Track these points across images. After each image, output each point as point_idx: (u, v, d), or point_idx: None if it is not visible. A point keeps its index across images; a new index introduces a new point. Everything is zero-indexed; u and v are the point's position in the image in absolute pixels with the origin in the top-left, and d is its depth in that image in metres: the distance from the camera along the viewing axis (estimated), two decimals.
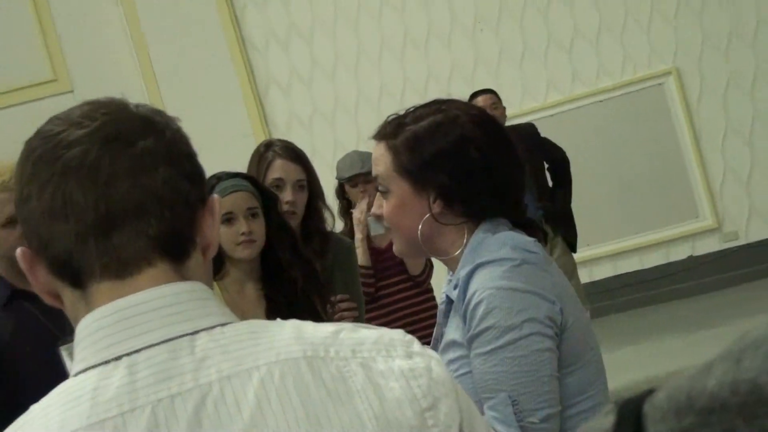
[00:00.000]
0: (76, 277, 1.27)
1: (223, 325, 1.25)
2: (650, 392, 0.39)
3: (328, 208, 4.16)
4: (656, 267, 9.43)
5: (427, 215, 2.24)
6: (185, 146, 1.33)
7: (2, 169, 3.55)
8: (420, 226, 2.25)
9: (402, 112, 2.34)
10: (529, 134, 6.98)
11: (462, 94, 5.44)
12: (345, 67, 9.67)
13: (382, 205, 2.31)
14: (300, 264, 3.36)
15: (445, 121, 2.26)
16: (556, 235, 6.92)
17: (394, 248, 2.40)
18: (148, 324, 1.23)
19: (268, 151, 3.95)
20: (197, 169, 1.34)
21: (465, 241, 2.25)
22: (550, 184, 7.10)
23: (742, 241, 9.43)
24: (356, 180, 5.03)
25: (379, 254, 4.90)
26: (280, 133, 8.90)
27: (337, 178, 5.11)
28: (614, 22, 9.52)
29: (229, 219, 3.21)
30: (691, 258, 9.43)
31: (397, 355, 1.27)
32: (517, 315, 2.10)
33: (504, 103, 6.92)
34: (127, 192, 1.24)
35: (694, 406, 0.34)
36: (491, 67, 9.50)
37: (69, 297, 1.29)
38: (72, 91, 9.22)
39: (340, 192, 5.12)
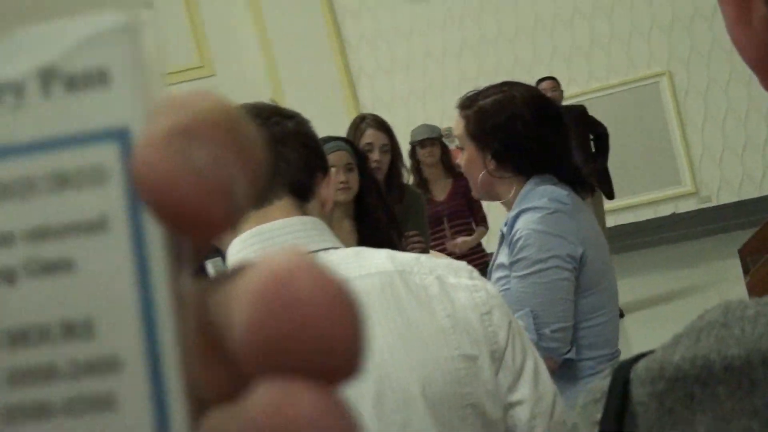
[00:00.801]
0: None
1: (335, 248, 1.28)
2: (637, 360, 0.38)
3: (405, 166, 4.19)
4: (647, 220, 9.37)
5: (484, 170, 2.25)
6: (309, 130, 1.37)
7: None
8: (480, 178, 2.26)
9: (480, 89, 2.32)
10: (580, 113, 7.05)
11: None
12: (415, 64, 9.65)
13: (461, 158, 2.33)
14: (383, 207, 3.39)
15: (503, 101, 2.24)
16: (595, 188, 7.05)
17: (473, 193, 2.42)
18: (280, 242, 1.25)
19: (362, 122, 3.98)
20: (318, 147, 1.37)
21: (515, 190, 2.24)
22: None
23: (714, 204, 9.35)
24: (425, 143, 5.09)
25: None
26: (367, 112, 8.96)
27: (410, 142, 5.15)
28: (622, 33, 9.36)
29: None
30: (674, 215, 9.37)
31: (462, 276, 1.27)
32: (545, 252, 2.12)
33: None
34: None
35: (664, 375, 0.35)
36: (525, 69, 9.39)
37: None
38: (214, 75, 9.29)
39: (412, 153, 5.15)
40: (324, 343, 0.20)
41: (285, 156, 1.30)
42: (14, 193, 0.21)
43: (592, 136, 7.10)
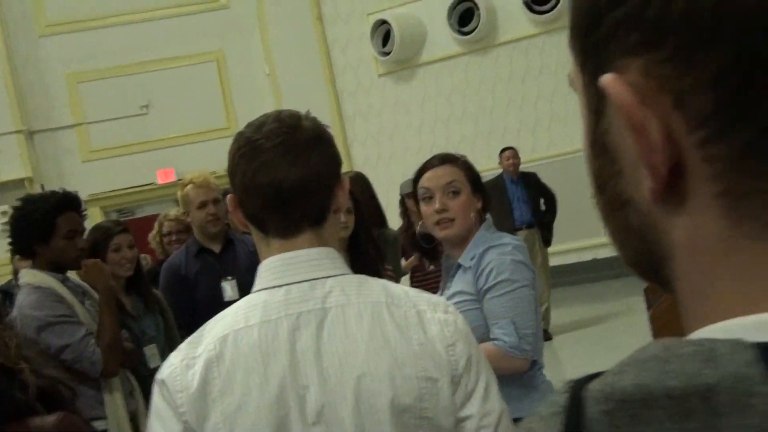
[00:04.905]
0: (261, 227, 1.27)
1: (343, 274, 1.27)
2: (588, 380, 0.35)
3: (383, 215, 4.17)
4: (574, 263, 9.35)
5: (473, 214, 2.29)
6: (337, 154, 1.31)
7: (197, 176, 3.68)
8: (473, 217, 2.30)
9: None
10: (534, 180, 7.17)
11: None
12: (398, 133, 9.72)
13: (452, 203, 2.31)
14: (372, 244, 3.44)
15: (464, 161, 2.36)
16: (539, 237, 7.26)
17: (454, 232, 2.30)
18: (301, 270, 1.24)
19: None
20: (336, 152, 1.31)
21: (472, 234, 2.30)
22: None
23: None
24: (411, 195, 5.05)
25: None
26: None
27: (401, 194, 5.11)
28: (561, 115, 9.50)
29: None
30: (594, 260, 9.33)
31: (438, 311, 1.28)
32: (518, 275, 2.17)
33: None
34: (295, 185, 1.24)
35: (614, 397, 0.33)
36: (484, 140, 9.49)
37: (256, 234, 1.30)
38: None
39: (402, 202, 5.09)
40: None
41: (313, 184, 1.24)
42: None
43: (542, 199, 7.22)
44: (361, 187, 3.86)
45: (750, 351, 0.30)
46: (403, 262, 4.83)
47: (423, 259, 4.46)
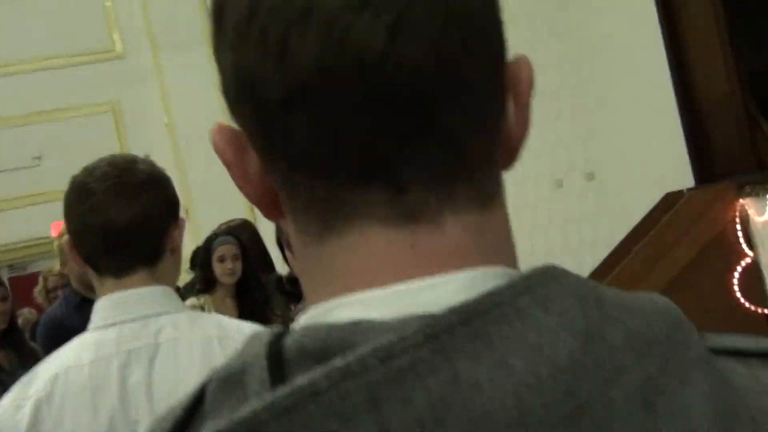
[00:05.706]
0: (95, 267, 1.29)
1: (177, 312, 1.29)
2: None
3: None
4: None
5: None
6: (173, 196, 1.33)
7: None
8: None
9: None
10: None
11: None
12: None
13: None
14: (260, 290, 3.45)
15: None
16: None
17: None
18: (133, 308, 1.26)
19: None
20: (173, 193, 1.32)
21: None
22: None
23: None
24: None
25: None
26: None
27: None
28: None
29: (221, 259, 3.24)
30: None
31: None
32: None
33: None
34: (125, 226, 1.25)
35: (214, 377, 0.39)
36: None
37: (92, 274, 1.31)
38: None
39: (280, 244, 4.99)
40: None
41: (144, 225, 1.26)
42: None
43: None
44: (249, 233, 3.81)
45: (269, 335, 0.38)
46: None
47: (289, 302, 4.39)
